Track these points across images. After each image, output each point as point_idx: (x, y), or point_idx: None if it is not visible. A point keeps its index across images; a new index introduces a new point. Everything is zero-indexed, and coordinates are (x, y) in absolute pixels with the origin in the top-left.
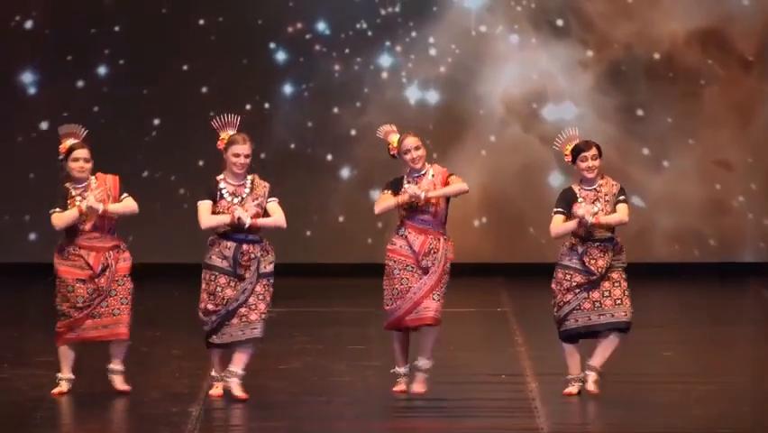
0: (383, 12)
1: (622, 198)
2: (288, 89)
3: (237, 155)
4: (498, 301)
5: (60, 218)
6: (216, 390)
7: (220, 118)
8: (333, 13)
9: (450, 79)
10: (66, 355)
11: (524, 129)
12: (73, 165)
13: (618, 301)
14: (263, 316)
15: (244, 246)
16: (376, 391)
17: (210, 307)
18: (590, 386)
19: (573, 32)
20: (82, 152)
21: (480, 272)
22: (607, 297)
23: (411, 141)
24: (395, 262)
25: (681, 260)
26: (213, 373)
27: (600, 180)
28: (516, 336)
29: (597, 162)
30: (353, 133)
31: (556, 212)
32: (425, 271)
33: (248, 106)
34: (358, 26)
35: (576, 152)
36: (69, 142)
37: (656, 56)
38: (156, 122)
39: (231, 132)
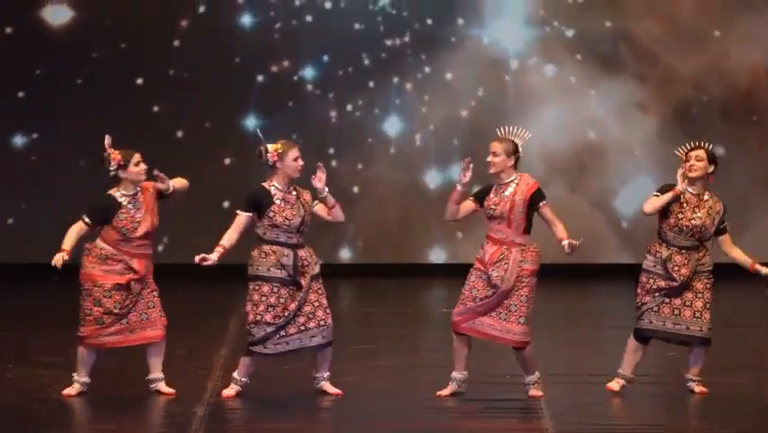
0: (389, 43)
1: (723, 225)
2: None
3: (296, 159)
4: None
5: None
6: (230, 390)
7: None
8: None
9: (473, 125)
10: (85, 358)
11: (570, 189)
12: (135, 169)
13: (698, 314)
14: (326, 322)
15: (300, 252)
16: (380, 391)
17: (268, 318)
18: (696, 388)
19: (628, 65)
20: (139, 156)
21: None
22: (687, 306)
23: (492, 145)
24: (473, 268)
25: None
26: (235, 375)
27: (707, 192)
28: None
29: (701, 164)
30: (356, 190)
31: (654, 194)
32: (494, 285)
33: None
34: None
35: (687, 150)
36: (119, 151)
37: (734, 94)
38: None
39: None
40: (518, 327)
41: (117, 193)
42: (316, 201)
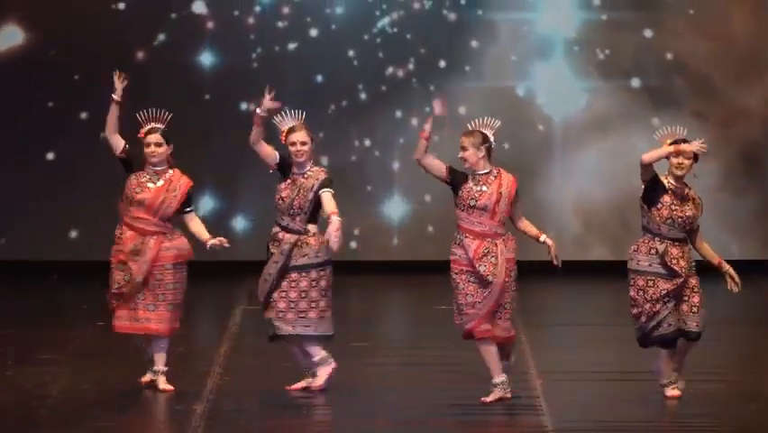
0: (391, 71)
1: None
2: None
3: (293, 143)
4: None
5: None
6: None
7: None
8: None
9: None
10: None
11: (612, 255)
12: (145, 150)
13: (695, 309)
14: (310, 314)
15: (280, 234)
16: (377, 388)
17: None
18: (668, 392)
19: (681, 98)
20: (153, 138)
21: None
22: (685, 301)
23: (461, 139)
24: (457, 274)
25: None
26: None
27: (687, 185)
28: (519, 333)
29: (688, 162)
30: (354, 245)
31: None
32: (485, 282)
33: None
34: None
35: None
36: (148, 126)
37: None
38: None
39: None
40: (509, 323)
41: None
42: (324, 189)
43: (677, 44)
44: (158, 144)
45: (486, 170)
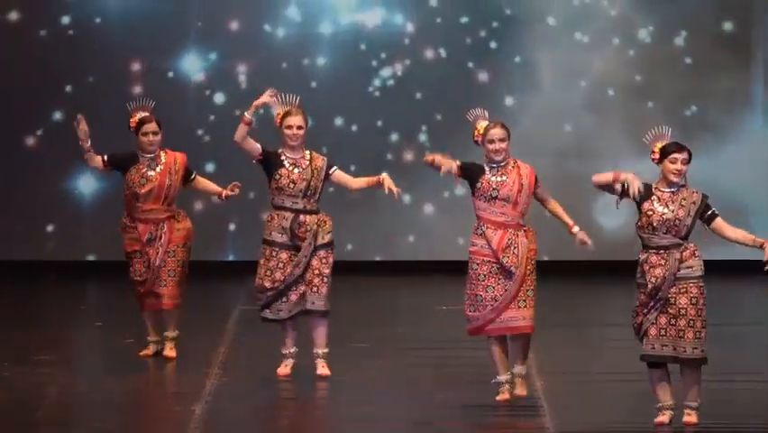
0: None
1: (713, 212)
2: None
3: (290, 126)
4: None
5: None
6: (285, 369)
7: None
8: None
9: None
10: (150, 320)
11: (616, 255)
12: (143, 139)
13: (681, 333)
14: (318, 290)
15: (301, 217)
16: (378, 390)
17: (267, 283)
18: (688, 419)
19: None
20: (151, 126)
21: None
22: (672, 325)
23: (497, 132)
24: (478, 265)
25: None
26: (282, 351)
27: (681, 187)
28: None
29: (686, 168)
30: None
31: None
32: (508, 273)
33: None
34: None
35: (666, 152)
36: (139, 115)
37: None
38: None
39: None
40: (531, 312)
41: (140, 153)
42: (334, 168)
43: None
44: (155, 133)
45: (506, 161)
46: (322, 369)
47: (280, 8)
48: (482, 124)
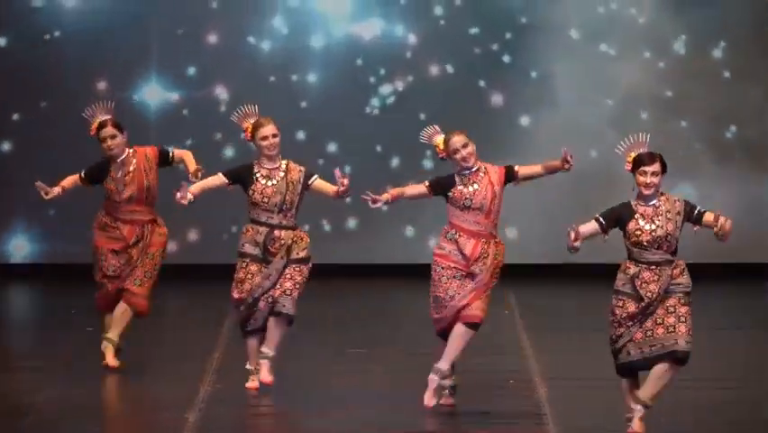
0: None
1: (699, 210)
2: None
3: (265, 137)
4: (504, 304)
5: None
6: (252, 382)
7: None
8: None
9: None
10: (107, 320)
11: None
12: (102, 145)
13: (671, 329)
14: (291, 293)
15: (276, 232)
16: (378, 397)
17: (235, 294)
18: (635, 425)
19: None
20: (107, 131)
21: None
22: (659, 324)
23: (458, 139)
24: (443, 269)
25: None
26: (248, 366)
27: (660, 197)
28: (523, 340)
29: (656, 180)
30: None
31: (596, 217)
32: (473, 277)
33: None
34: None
35: (637, 163)
36: (98, 119)
37: None
38: None
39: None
40: (480, 303)
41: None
42: (314, 178)
43: None
44: (113, 137)
45: (476, 167)
46: (266, 375)
47: (266, 18)
48: (439, 139)
